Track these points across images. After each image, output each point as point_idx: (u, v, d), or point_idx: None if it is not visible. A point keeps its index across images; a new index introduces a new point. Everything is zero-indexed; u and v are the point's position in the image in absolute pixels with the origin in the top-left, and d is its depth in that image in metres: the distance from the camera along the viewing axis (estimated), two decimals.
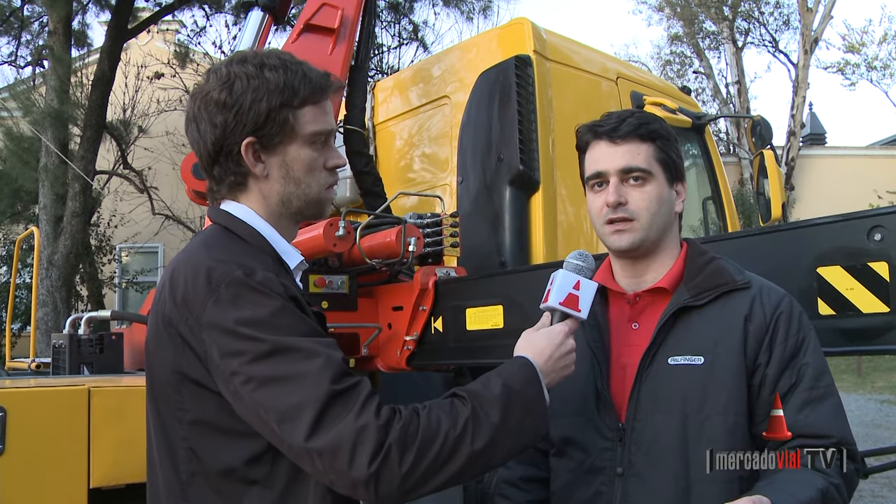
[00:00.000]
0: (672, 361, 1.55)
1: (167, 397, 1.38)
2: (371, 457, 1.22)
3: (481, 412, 1.33)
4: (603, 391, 1.61)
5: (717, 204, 4.92)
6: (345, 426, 1.23)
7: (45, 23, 11.26)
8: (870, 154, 22.05)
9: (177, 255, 1.46)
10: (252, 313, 1.28)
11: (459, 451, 1.29)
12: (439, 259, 3.30)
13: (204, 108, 1.42)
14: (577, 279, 1.55)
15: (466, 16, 12.69)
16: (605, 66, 4.38)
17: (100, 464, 2.51)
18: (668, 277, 1.64)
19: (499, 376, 1.41)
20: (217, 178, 1.47)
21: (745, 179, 18.74)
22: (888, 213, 1.82)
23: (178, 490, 1.37)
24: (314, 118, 1.45)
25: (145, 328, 1.52)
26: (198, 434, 1.35)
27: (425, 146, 4.37)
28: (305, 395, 1.24)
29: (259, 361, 1.26)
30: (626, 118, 1.64)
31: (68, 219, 9.13)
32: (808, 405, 1.49)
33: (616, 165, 1.62)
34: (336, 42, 3.82)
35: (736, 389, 1.51)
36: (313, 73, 1.46)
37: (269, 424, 1.26)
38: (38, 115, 9.21)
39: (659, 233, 1.63)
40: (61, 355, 3.56)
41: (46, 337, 8.05)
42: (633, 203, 1.61)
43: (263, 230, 1.46)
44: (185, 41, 13.41)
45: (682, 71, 24.03)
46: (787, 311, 1.56)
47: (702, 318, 1.57)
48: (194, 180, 3.60)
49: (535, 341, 1.50)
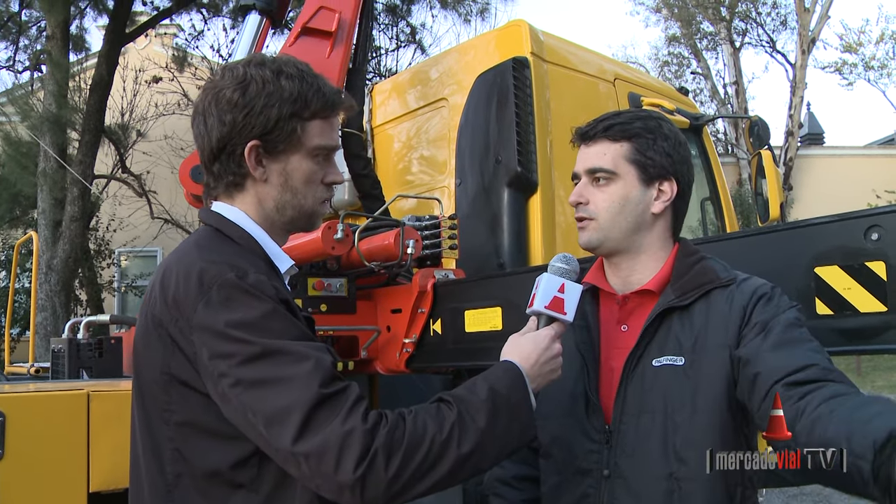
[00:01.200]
0: (656, 363, 1.55)
1: (154, 397, 1.38)
2: (357, 461, 1.22)
3: (467, 416, 1.33)
4: (591, 394, 1.61)
5: (716, 204, 4.92)
6: (332, 430, 1.23)
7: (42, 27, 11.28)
8: (868, 154, 22.07)
9: (168, 256, 1.47)
10: (243, 316, 1.28)
11: (446, 456, 1.29)
12: (438, 261, 3.30)
13: (214, 105, 1.43)
14: (561, 282, 1.55)
15: (464, 18, 12.73)
16: (603, 68, 4.39)
17: (99, 468, 2.51)
18: (655, 279, 1.64)
19: (485, 381, 1.41)
20: (216, 175, 1.48)
21: (743, 180, 18.75)
22: (885, 212, 1.82)
23: (163, 491, 1.37)
24: (321, 132, 1.46)
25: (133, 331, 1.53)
26: (184, 435, 1.35)
27: (423, 149, 4.37)
28: (293, 399, 1.24)
29: (248, 364, 1.26)
30: (603, 119, 1.67)
31: (67, 223, 9.13)
32: (782, 346, 1.41)
33: (584, 166, 1.68)
34: (333, 45, 3.82)
35: (719, 386, 1.49)
36: (327, 89, 1.47)
37: (256, 427, 1.26)
38: (37, 120, 9.23)
39: (624, 233, 1.64)
40: (60, 360, 3.55)
41: (45, 341, 8.05)
42: (594, 203, 1.65)
43: (255, 233, 1.46)
44: (182, 45, 13.44)
45: (679, 72, 24.07)
46: (766, 293, 1.53)
47: (687, 317, 1.57)
48: (193, 184, 3.60)
49: (522, 345, 1.51)
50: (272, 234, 1.50)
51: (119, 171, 13.01)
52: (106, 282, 13.73)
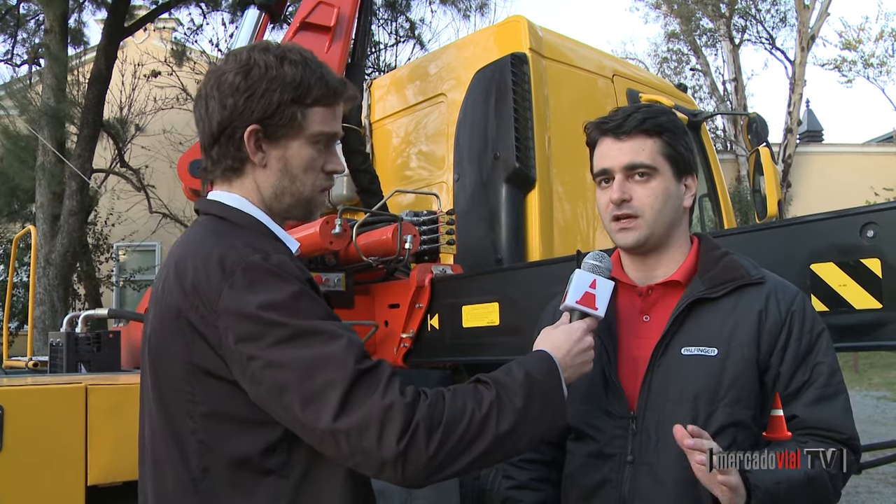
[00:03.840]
0: (685, 352, 1.56)
1: (177, 391, 1.35)
2: (399, 434, 1.22)
3: (505, 397, 1.34)
4: (611, 377, 1.62)
5: (714, 201, 4.94)
6: (372, 405, 1.22)
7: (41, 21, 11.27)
8: (866, 151, 22.06)
9: (176, 248, 1.44)
10: (270, 297, 1.27)
11: (484, 433, 1.29)
12: (436, 256, 3.30)
13: (216, 88, 1.42)
14: (593, 278, 1.56)
15: (463, 13, 12.73)
16: (602, 64, 4.39)
17: (97, 461, 2.52)
18: (681, 270, 1.65)
19: (520, 366, 1.42)
20: (214, 159, 1.46)
21: (742, 177, 18.75)
22: (880, 209, 1.83)
23: (188, 485, 1.34)
24: (322, 119, 1.45)
25: (142, 326, 1.50)
26: (210, 426, 1.33)
27: (422, 144, 4.37)
28: (331, 376, 1.23)
29: (280, 345, 1.25)
30: (631, 113, 1.64)
31: (65, 217, 9.12)
32: (822, 401, 1.52)
33: (620, 162, 1.62)
34: (332, 40, 3.83)
35: (748, 383, 1.53)
36: (330, 76, 1.46)
37: (290, 409, 1.25)
38: (35, 114, 9.22)
39: (666, 228, 1.64)
40: (58, 353, 3.55)
41: (44, 335, 8.05)
42: (638, 200, 1.62)
43: (260, 217, 1.45)
44: (181, 39, 13.40)
45: (679, 68, 24.06)
46: (800, 308, 1.57)
47: (716, 310, 1.58)
48: (191, 178, 3.61)
49: (554, 337, 1.51)
50: (272, 220, 1.49)
51: (117, 166, 13.00)
52: (104, 276, 13.72)
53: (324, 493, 1.35)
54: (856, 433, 1.54)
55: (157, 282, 1.46)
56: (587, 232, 3.96)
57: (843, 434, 1.50)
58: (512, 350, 2.57)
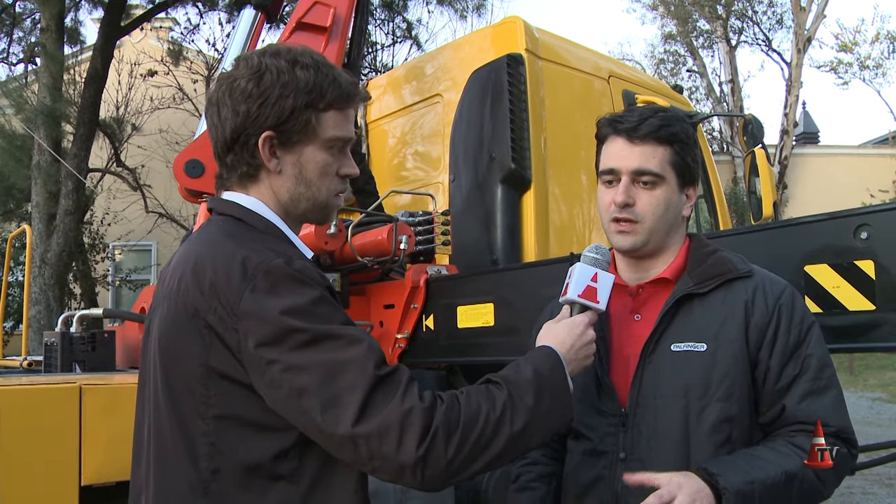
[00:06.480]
0: (675, 348, 1.57)
1: (190, 391, 1.33)
2: (419, 440, 1.22)
3: (517, 396, 1.34)
4: (603, 377, 1.63)
5: (709, 202, 4.94)
6: (391, 410, 1.23)
7: (37, 20, 11.24)
8: (862, 153, 22.11)
9: (191, 247, 1.42)
10: (292, 302, 1.27)
11: (500, 434, 1.30)
12: (431, 257, 3.31)
13: (229, 95, 1.40)
14: (594, 272, 1.56)
15: (460, 14, 12.72)
16: (598, 65, 4.39)
17: (91, 461, 2.51)
18: (671, 268, 1.66)
19: (528, 362, 1.42)
20: (229, 166, 1.45)
21: (738, 178, 18.78)
22: (874, 211, 1.84)
23: (198, 487, 1.33)
24: (336, 123, 1.44)
25: (138, 326, 1.49)
26: (223, 429, 1.32)
27: (418, 144, 4.37)
28: (351, 381, 1.24)
29: (301, 349, 1.25)
30: (648, 117, 1.63)
31: (61, 217, 9.10)
32: (811, 395, 1.52)
33: (629, 165, 1.62)
34: (328, 40, 3.82)
35: (739, 377, 1.54)
36: (343, 80, 1.45)
37: (309, 413, 1.24)
38: (31, 113, 9.19)
39: (663, 235, 1.65)
40: (53, 353, 3.55)
41: (39, 335, 8.03)
42: (641, 206, 1.62)
43: (276, 222, 1.45)
44: (178, 39, 13.39)
45: (675, 69, 24.08)
46: (788, 302, 1.57)
47: (705, 305, 1.59)
48: (187, 178, 3.60)
49: (557, 332, 1.52)
50: (287, 225, 1.48)
51: (114, 165, 12.99)
52: (100, 276, 13.70)
53: (334, 500, 1.36)
54: (848, 426, 1.53)
55: (165, 278, 1.44)
56: (583, 233, 3.96)
57: (832, 427, 1.49)
58: (507, 351, 2.57)
